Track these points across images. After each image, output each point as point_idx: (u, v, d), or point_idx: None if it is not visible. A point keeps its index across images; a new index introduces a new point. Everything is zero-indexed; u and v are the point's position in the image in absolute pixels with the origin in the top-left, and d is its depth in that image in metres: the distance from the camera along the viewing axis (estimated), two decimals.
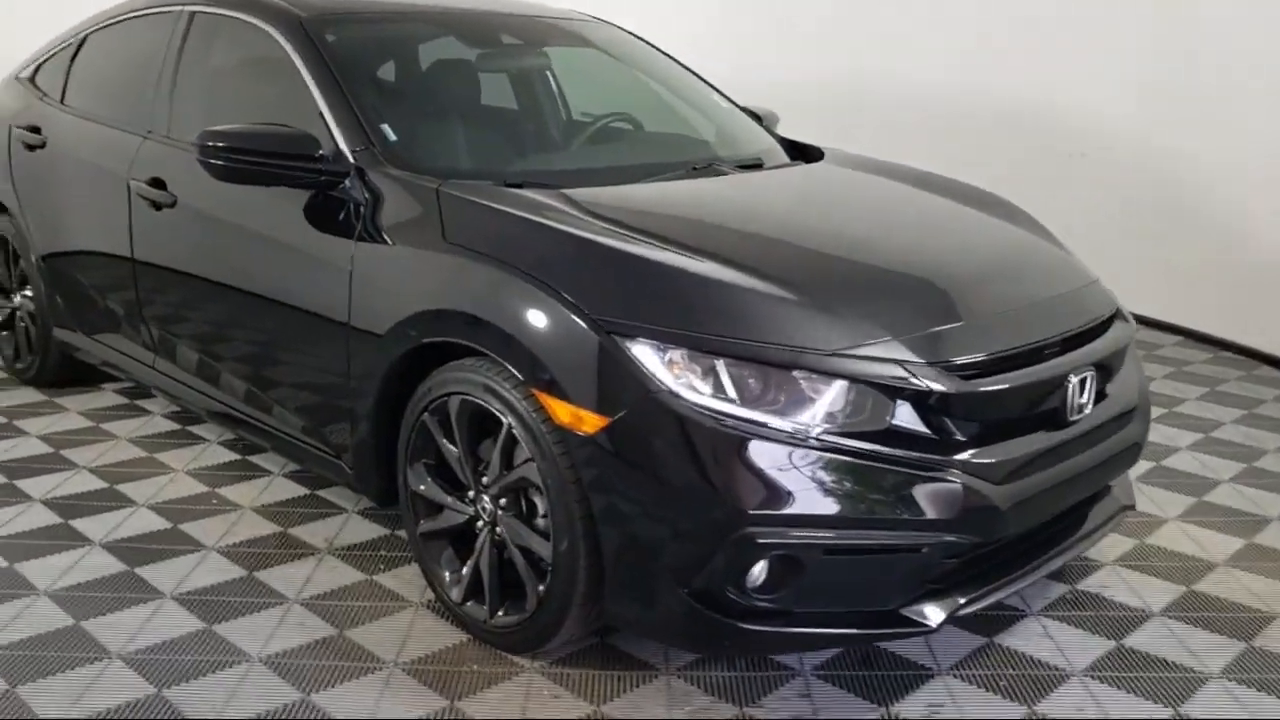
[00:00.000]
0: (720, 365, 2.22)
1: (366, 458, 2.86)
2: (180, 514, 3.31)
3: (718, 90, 3.99)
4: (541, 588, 2.46)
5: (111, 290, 3.80)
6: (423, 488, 2.71)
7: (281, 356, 3.14)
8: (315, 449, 3.08)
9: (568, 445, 2.32)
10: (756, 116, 3.95)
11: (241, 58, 3.55)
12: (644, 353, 2.24)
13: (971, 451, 2.30)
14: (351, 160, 2.87)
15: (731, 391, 2.21)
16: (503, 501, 2.55)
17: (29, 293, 4.30)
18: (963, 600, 2.37)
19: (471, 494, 2.62)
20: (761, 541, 2.17)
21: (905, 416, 2.26)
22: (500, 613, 2.57)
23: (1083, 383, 2.50)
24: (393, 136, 2.95)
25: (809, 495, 2.18)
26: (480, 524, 2.61)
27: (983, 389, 2.32)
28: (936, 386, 2.26)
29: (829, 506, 2.19)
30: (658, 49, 4.08)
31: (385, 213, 2.78)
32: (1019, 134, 5.80)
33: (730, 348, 2.23)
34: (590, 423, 2.27)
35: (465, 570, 2.64)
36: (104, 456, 3.75)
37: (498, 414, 2.46)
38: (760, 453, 2.17)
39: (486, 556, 2.59)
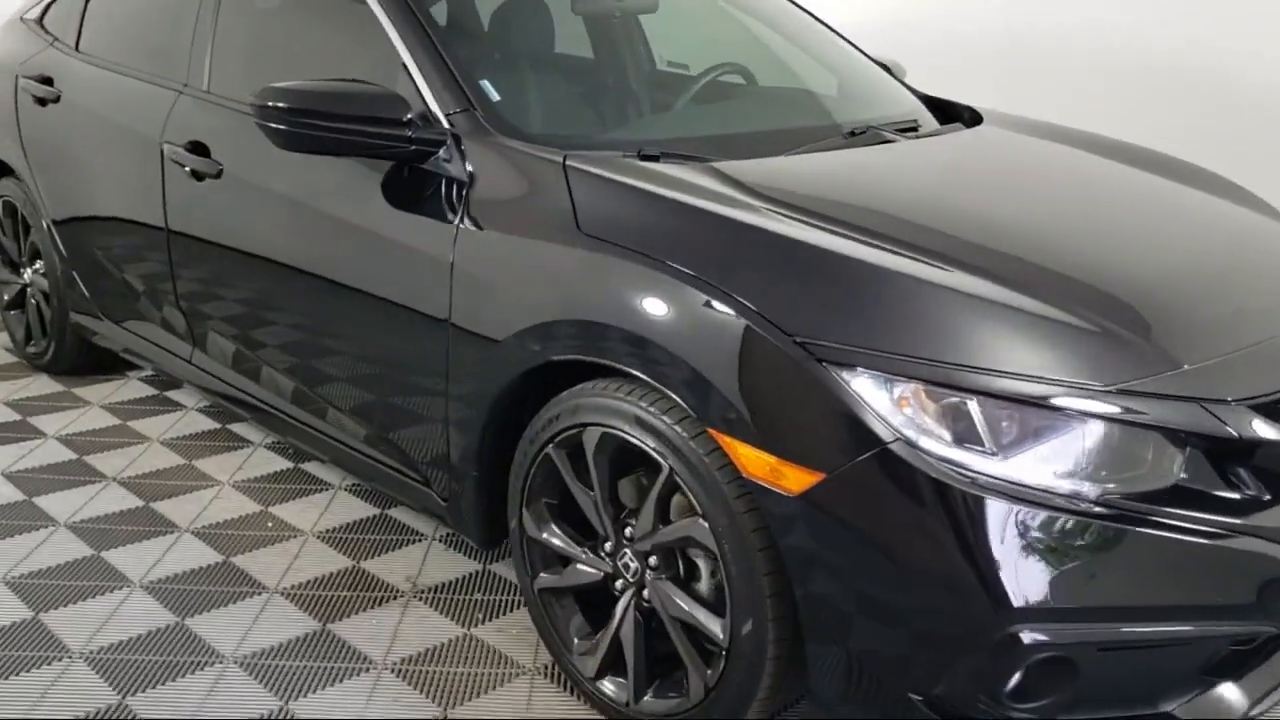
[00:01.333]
0: (973, 405, 1.69)
1: (466, 489, 2.35)
2: (232, 543, 2.79)
3: (840, 35, 3.42)
4: (710, 672, 1.95)
5: (141, 273, 3.25)
6: (544, 535, 2.20)
7: (359, 357, 2.60)
8: (394, 470, 2.57)
9: (759, 504, 1.80)
10: (884, 67, 3.38)
11: None
12: (866, 387, 1.71)
13: (1275, 511, 1.78)
14: (446, 126, 2.32)
15: (988, 441, 1.68)
16: (652, 560, 2.04)
17: (41, 268, 3.76)
18: (1247, 705, 1.85)
19: (609, 546, 2.11)
20: (1030, 642, 1.66)
21: (1197, 470, 1.74)
22: (648, 696, 2.07)
23: None
24: (495, 96, 2.40)
25: (1088, 578, 1.67)
26: (620, 583, 2.10)
27: None
28: (1242, 430, 1.74)
29: (1111, 592, 1.68)
30: None
31: (495, 192, 2.23)
32: (1197, 91, 4.38)
33: (982, 382, 1.70)
34: (794, 478, 1.74)
35: (602, 640, 2.14)
36: (136, 464, 3.22)
37: (654, 455, 1.94)
38: (1028, 523, 1.65)
39: (630, 626, 2.08)
